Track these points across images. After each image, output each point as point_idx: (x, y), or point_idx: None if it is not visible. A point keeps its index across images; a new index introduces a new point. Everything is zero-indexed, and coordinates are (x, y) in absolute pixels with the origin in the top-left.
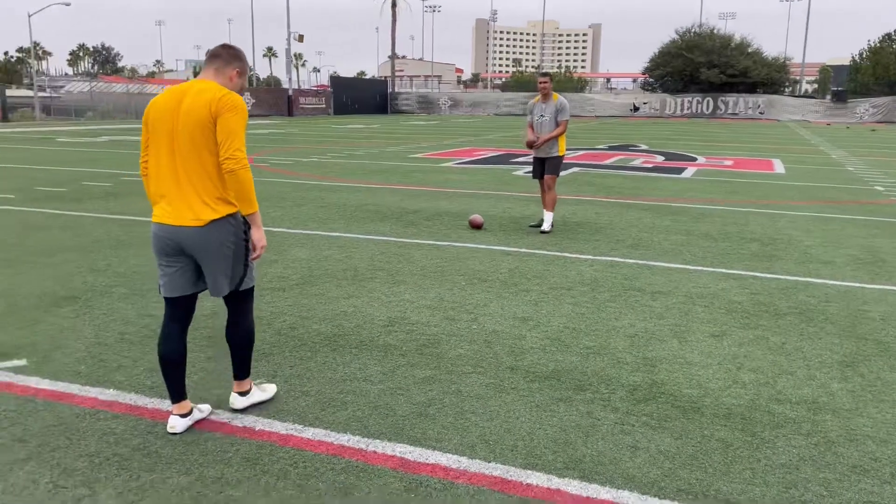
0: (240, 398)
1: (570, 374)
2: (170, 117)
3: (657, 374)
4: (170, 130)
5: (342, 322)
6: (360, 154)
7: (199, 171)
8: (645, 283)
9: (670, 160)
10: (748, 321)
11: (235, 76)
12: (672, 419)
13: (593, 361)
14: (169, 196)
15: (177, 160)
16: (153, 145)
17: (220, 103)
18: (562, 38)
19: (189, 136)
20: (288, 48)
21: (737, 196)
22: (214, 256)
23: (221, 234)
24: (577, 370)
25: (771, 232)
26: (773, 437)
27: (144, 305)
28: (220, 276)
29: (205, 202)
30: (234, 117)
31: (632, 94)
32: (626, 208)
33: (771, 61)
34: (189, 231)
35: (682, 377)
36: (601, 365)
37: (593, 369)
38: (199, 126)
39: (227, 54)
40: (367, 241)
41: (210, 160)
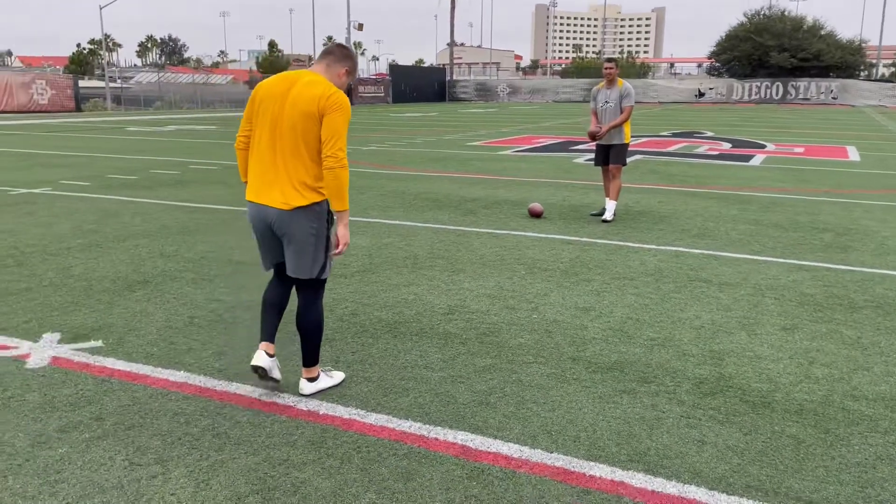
0: (308, 384)
1: (634, 365)
2: (276, 102)
3: (724, 367)
4: (274, 115)
5: (403, 309)
6: (418, 142)
7: (294, 157)
8: (711, 273)
9: (737, 147)
10: (821, 314)
11: (344, 74)
12: (740, 414)
13: (658, 353)
14: (264, 177)
15: (276, 144)
16: (257, 126)
17: (328, 101)
18: (624, 23)
19: (291, 124)
20: (348, 36)
21: (808, 184)
22: (297, 240)
23: (306, 221)
24: (640, 362)
25: (845, 222)
26: (847, 435)
27: (212, 291)
28: (300, 260)
29: (295, 188)
30: (340, 117)
31: (696, 79)
32: (691, 197)
33: (845, 44)
34: (276, 213)
35: (750, 371)
36: (666, 357)
37: (658, 361)
38: (303, 117)
39: (340, 53)
40: (426, 228)
41: (306, 150)
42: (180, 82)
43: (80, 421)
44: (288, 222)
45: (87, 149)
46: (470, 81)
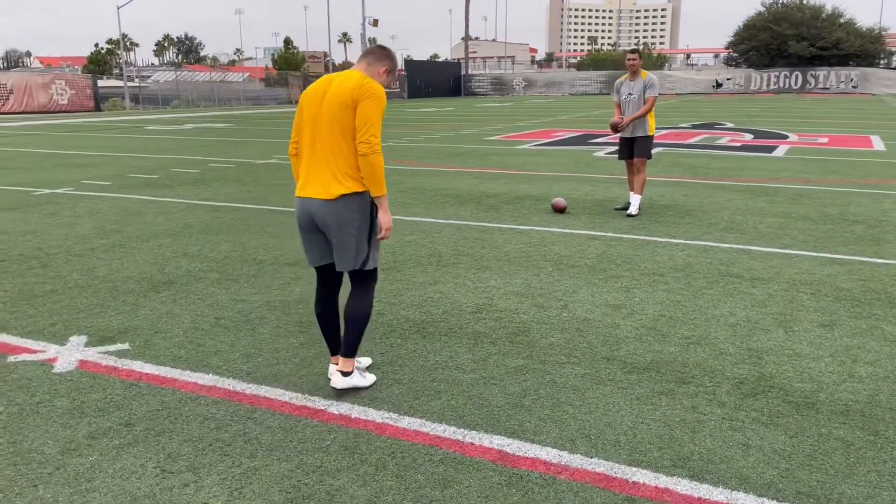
0: (341, 378)
1: (670, 365)
2: (317, 100)
3: (764, 366)
4: (313, 113)
5: (430, 308)
6: (435, 137)
7: (334, 149)
8: (743, 268)
9: (759, 138)
10: (859, 310)
11: (384, 73)
12: (784, 415)
13: (694, 352)
14: (308, 172)
15: (316, 139)
16: (303, 128)
17: (361, 90)
18: (639, 14)
19: (330, 118)
20: (363, 33)
21: (835, 175)
22: (340, 230)
23: (348, 210)
24: (677, 361)
25: (876, 214)
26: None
27: (237, 291)
28: (345, 251)
29: (336, 178)
30: (373, 104)
31: (714, 70)
32: (716, 189)
33: (865, 32)
34: (319, 203)
35: (791, 370)
36: (703, 356)
37: (694, 361)
38: (342, 108)
39: (380, 53)
40: (449, 225)
41: (345, 141)
42: (197, 81)
43: (109, 427)
44: (329, 212)
45: (107, 148)
46: (485, 75)
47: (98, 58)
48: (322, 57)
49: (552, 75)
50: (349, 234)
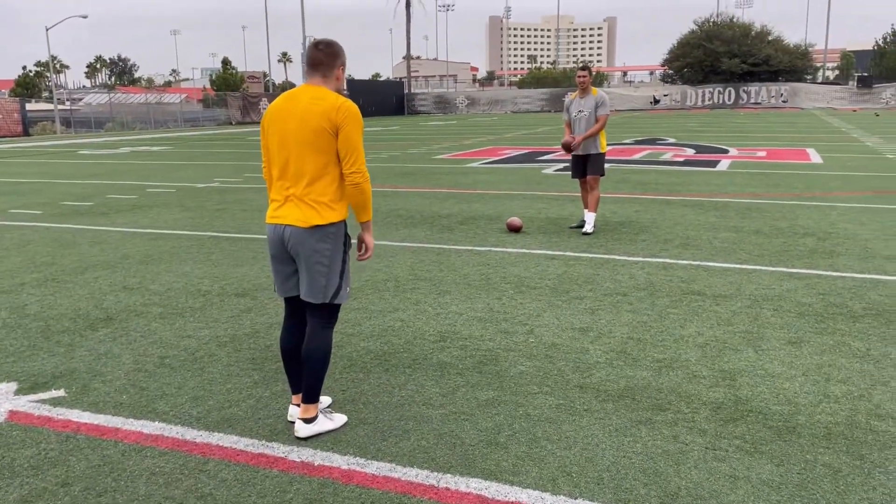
0: (304, 426)
1: (645, 391)
2: (284, 122)
3: (739, 388)
4: (283, 135)
5: (391, 338)
6: (383, 157)
7: (310, 176)
8: (704, 285)
9: (702, 153)
10: (824, 325)
11: (341, 73)
12: (767, 442)
13: (667, 376)
14: (279, 198)
15: (289, 163)
16: (273, 151)
17: (339, 113)
18: (577, 33)
19: (302, 141)
20: (303, 52)
21: (780, 188)
22: (311, 261)
23: (323, 240)
24: (651, 387)
25: (824, 226)
26: (883, 460)
27: (183, 326)
28: (313, 282)
29: (311, 206)
30: (354, 130)
31: (651, 86)
32: (667, 205)
33: (793, 49)
34: (291, 230)
35: (766, 392)
36: (676, 380)
37: (669, 385)
38: (315, 133)
39: (328, 55)
40: (404, 248)
41: (321, 165)
42: (132, 103)
43: (44, 488)
44: (303, 241)
45: (37, 175)
46: (428, 94)
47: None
48: (262, 77)
49: (494, 93)
50: (321, 264)
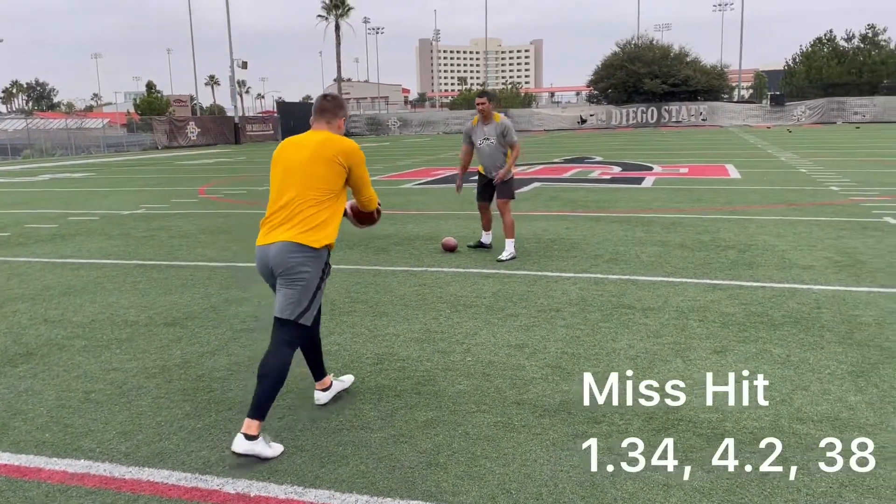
0: (244, 441)
1: (580, 404)
2: (290, 160)
3: (669, 398)
4: (289, 170)
5: (328, 362)
6: None
7: (307, 205)
8: (633, 299)
9: (628, 170)
10: (746, 334)
11: (342, 123)
12: (697, 449)
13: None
14: (273, 222)
15: (291, 193)
16: (273, 180)
17: (350, 157)
18: (504, 55)
19: (308, 175)
20: (232, 75)
21: (702, 203)
22: (289, 278)
23: (302, 261)
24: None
25: (744, 238)
26: (805, 462)
27: (108, 359)
28: (286, 299)
29: (303, 230)
30: (362, 167)
31: (578, 107)
32: (596, 221)
33: (709, 69)
34: (277, 247)
35: (695, 401)
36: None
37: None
38: (327, 168)
39: (334, 106)
40: (339, 270)
41: (320, 195)
42: (51, 128)
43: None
44: (286, 257)
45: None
46: (360, 116)
47: None
48: (188, 100)
49: (427, 115)
50: (298, 282)
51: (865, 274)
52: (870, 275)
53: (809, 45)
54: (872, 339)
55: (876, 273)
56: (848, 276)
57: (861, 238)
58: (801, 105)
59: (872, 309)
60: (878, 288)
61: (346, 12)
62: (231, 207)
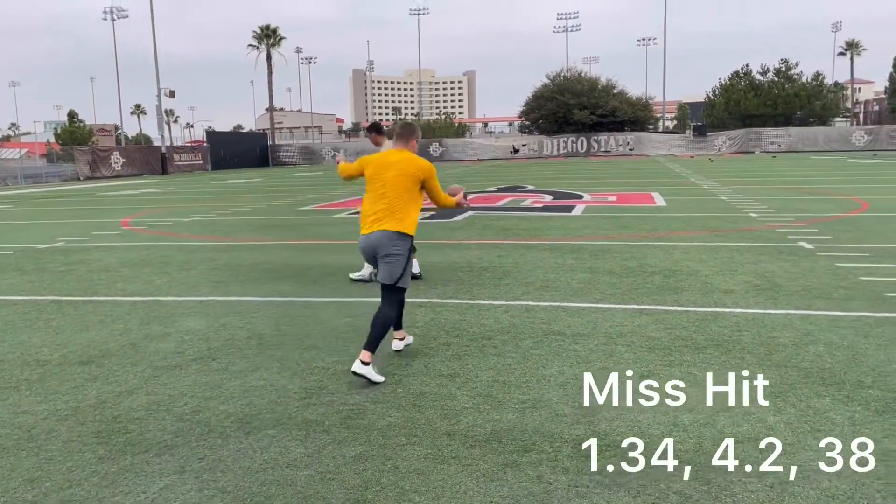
0: (360, 365)
1: (511, 433)
2: (386, 171)
3: (598, 424)
4: (385, 179)
5: (253, 399)
6: (246, 210)
7: (399, 204)
8: (563, 325)
9: (559, 199)
10: (671, 358)
11: (415, 144)
12: (624, 474)
13: (531, 417)
14: (376, 217)
15: (387, 197)
16: (373, 185)
17: (425, 172)
18: (438, 86)
19: (399, 184)
20: (159, 104)
21: (629, 230)
22: (390, 256)
23: (398, 243)
24: (516, 429)
25: (669, 264)
26: (728, 484)
27: (17, 401)
28: (389, 272)
29: (397, 222)
30: (434, 179)
31: (511, 136)
32: (528, 249)
33: (635, 101)
34: (380, 235)
35: (622, 425)
36: (540, 420)
37: (533, 426)
38: (410, 179)
39: (408, 132)
40: (269, 303)
41: (407, 198)
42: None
43: None
44: (387, 242)
45: None
46: (293, 146)
47: None
48: (113, 130)
49: (361, 144)
50: (396, 258)
51: (782, 297)
52: (786, 298)
53: (728, 79)
54: (789, 360)
55: (791, 296)
56: (766, 299)
57: (778, 262)
58: (722, 135)
59: (789, 331)
60: (794, 310)
61: (277, 42)
62: (156, 239)
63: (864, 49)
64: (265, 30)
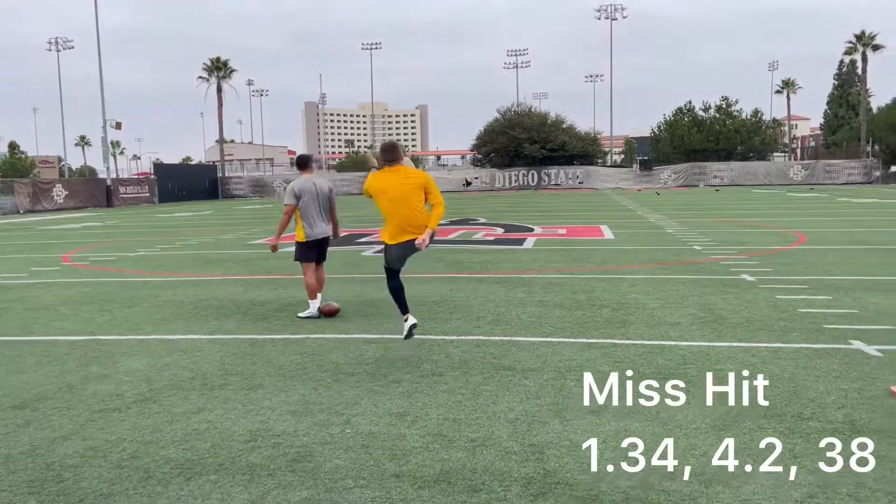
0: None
1: (460, 473)
2: (398, 185)
3: (547, 461)
4: (397, 191)
5: (195, 443)
6: (193, 244)
7: (412, 211)
8: (514, 360)
9: (510, 232)
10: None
11: (409, 158)
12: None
13: (481, 455)
14: (401, 227)
15: (405, 206)
16: (389, 201)
17: (427, 181)
18: (391, 119)
19: (408, 196)
20: (104, 136)
21: (578, 263)
22: (413, 251)
23: (414, 242)
24: (465, 468)
25: (617, 297)
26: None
27: None
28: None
29: (417, 228)
30: (433, 183)
31: (463, 170)
32: (479, 283)
33: (584, 135)
34: (410, 241)
35: (571, 462)
36: (489, 458)
37: (482, 465)
38: (416, 189)
39: (400, 149)
40: (214, 341)
41: (419, 206)
42: None
43: None
44: (413, 244)
45: None
46: (244, 178)
47: None
48: (56, 161)
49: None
50: (413, 250)
51: (726, 329)
52: (730, 330)
53: (672, 114)
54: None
55: (735, 328)
56: (710, 331)
57: (721, 294)
58: (668, 169)
59: (732, 363)
60: (737, 342)
61: (228, 74)
62: (98, 275)
63: (799, 87)
64: (216, 62)
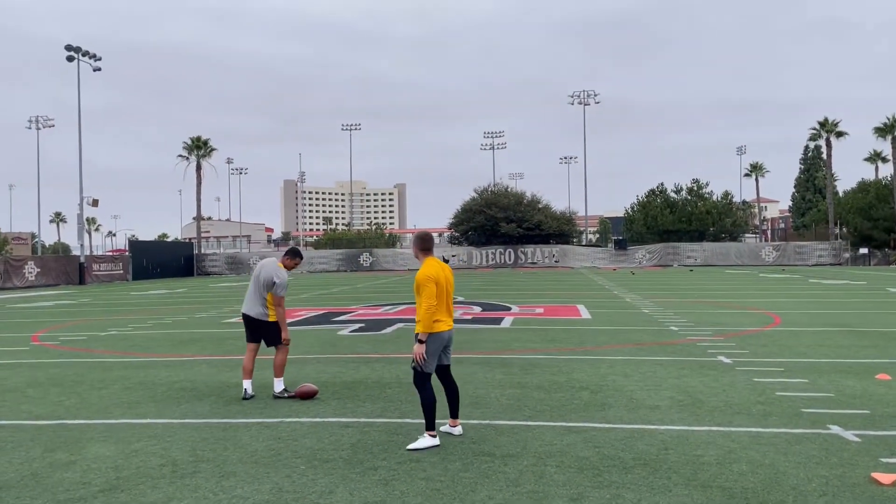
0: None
1: None
2: (447, 281)
3: None
4: (445, 288)
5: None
6: (166, 322)
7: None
8: (493, 445)
9: (487, 311)
10: (601, 479)
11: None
12: None
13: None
14: (445, 317)
15: (448, 299)
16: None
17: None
18: (370, 197)
19: (451, 288)
20: (80, 213)
21: (556, 344)
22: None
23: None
24: None
25: (596, 379)
26: None
27: None
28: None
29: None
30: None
31: (441, 247)
32: (458, 363)
33: (559, 215)
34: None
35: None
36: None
37: None
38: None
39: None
40: (185, 426)
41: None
42: None
43: None
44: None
45: None
46: (220, 255)
47: None
48: (29, 238)
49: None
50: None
51: (705, 413)
52: (708, 413)
53: (645, 196)
54: (715, 479)
55: (713, 412)
56: (689, 415)
57: (699, 377)
58: (642, 249)
59: (713, 448)
60: (717, 427)
61: (208, 153)
62: (67, 356)
63: (767, 171)
64: (196, 141)
